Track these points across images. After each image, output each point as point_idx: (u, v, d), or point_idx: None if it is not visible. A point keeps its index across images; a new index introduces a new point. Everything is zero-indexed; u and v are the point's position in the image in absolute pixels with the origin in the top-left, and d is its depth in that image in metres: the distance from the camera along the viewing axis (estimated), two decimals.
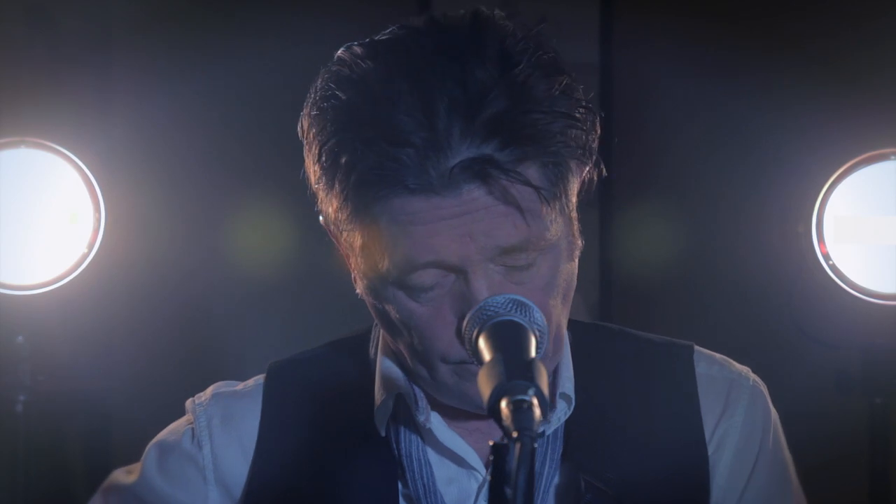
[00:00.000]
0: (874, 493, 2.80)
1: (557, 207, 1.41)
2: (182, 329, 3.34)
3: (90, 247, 2.57)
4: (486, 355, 1.26)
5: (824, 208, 2.68)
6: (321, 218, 1.49)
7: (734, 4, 3.47)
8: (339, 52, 1.44)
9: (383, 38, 1.43)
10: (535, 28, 1.44)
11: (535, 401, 1.16)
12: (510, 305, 1.32)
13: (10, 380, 2.67)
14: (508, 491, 1.12)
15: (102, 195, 2.57)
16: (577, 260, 1.49)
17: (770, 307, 3.11)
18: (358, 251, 1.44)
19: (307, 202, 1.51)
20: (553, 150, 1.39)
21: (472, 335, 1.30)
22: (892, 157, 2.69)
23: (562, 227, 1.43)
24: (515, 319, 1.30)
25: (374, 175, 1.37)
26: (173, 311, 3.33)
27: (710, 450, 1.56)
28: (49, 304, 2.63)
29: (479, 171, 1.35)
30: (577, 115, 1.41)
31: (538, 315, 1.33)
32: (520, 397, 1.16)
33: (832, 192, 2.68)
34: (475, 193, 1.37)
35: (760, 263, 3.27)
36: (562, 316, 1.47)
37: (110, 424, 3.34)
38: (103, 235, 2.57)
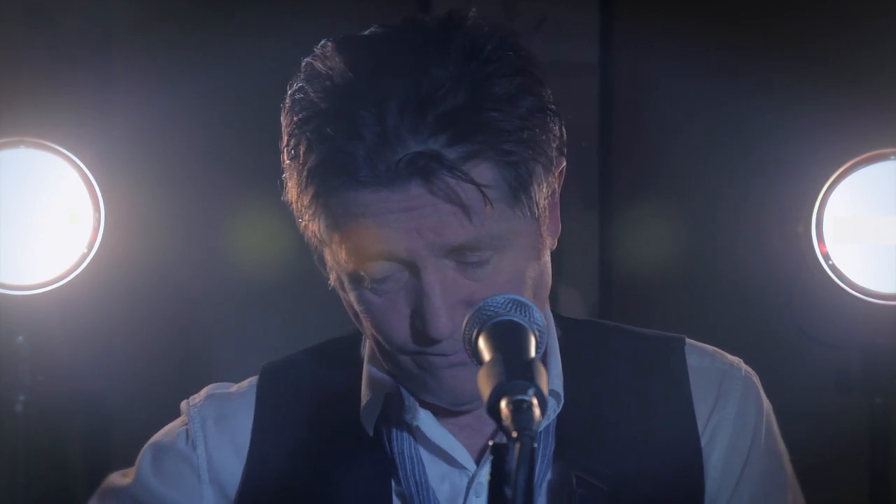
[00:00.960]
0: (874, 493, 2.80)
1: (518, 207, 1.42)
2: (182, 329, 3.34)
3: (90, 247, 2.57)
4: (486, 355, 1.26)
5: (824, 208, 2.68)
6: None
7: (734, 4, 3.47)
8: (316, 48, 1.47)
9: (358, 35, 1.46)
10: (511, 29, 1.45)
11: (535, 401, 1.16)
12: (510, 305, 1.32)
13: (10, 380, 2.67)
14: (508, 491, 1.12)
15: (102, 195, 2.57)
16: (547, 258, 1.49)
17: (770, 307, 3.11)
18: (320, 241, 1.47)
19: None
20: (507, 148, 1.39)
21: (471, 335, 1.30)
22: (892, 157, 2.69)
23: (522, 227, 1.43)
24: (515, 319, 1.30)
25: (327, 167, 1.40)
26: (173, 311, 3.33)
27: (704, 441, 1.56)
28: (49, 304, 2.63)
29: (423, 166, 1.37)
30: (537, 114, 1.41)
31: (538, 315, 1.32)
32: (519, 397, 1.16)
33: (832, 192, 2.68)
34: (421, 189, 1.39)
35: (760, 263, 3.27)
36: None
37: (110, 424, 3.34)
38: (103, 235, 2.57)
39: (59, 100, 3.18)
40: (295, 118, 1.44)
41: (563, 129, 1.46)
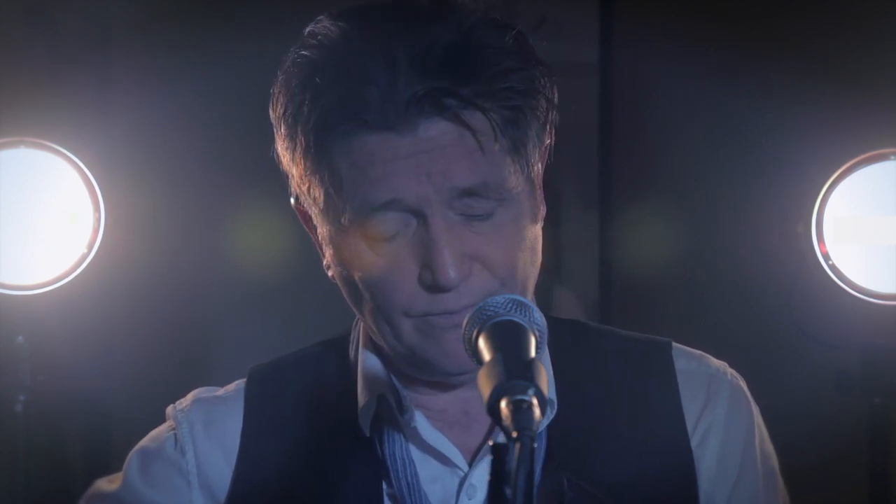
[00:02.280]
0: (874, 493, 2.80)
1: (517, 161, 1.45)
2: (182, 329, 3.34)
3: (90, 247, 2.57)
4: (486, 355, 1.26)
5: (824, 208, 2.68)
6: (292, 199, 1.52)
7: (734, 4, 3.47)
8: (308, 27, 1.49)
9: (351, 9, 1.48)
10: (491, 5, 1.49)
11: (535, 401, 1.16)
12: (510, 305, 1.32)
13: (10, 380, 2.67)
14: (508, 491, 1.12)
15: (102, 195, 2.57)
16: (541, 225, 1.51)
17: (770, 307, 3.11)
18: (321, 206, 1.47)
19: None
20: (507, 91, 1.43)
21: (471, 335, 1.30)
22: (892, 157, 2.69)
23: (522, 185, 1.46)
24: (515, 319, 1.30)
25: (335, 113, 1.41)
26: (173, 311, 3.34)
27: (694, 444, 1.57)
28: (49, 304, 2.63)
29: (435, 101, 1.40)
30: (530, 60, 1.45)
31: (538, 315, 1.33)
32: (519, 397, 1.16)
33: (832, 192, 2.68)
34: (432, 131, 1.41)
35: (760, 263, 3.27)
36: (529, 274, 1.49)
37: (110, 424, 3.34)
38: (103, 235, 2.57)
39: (59, 100, 3.18)
40: (295, 81, 1.45)
41: (556, 93, 1.49)
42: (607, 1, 3.54)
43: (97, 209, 2.57)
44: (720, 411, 1.58)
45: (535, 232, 1.50)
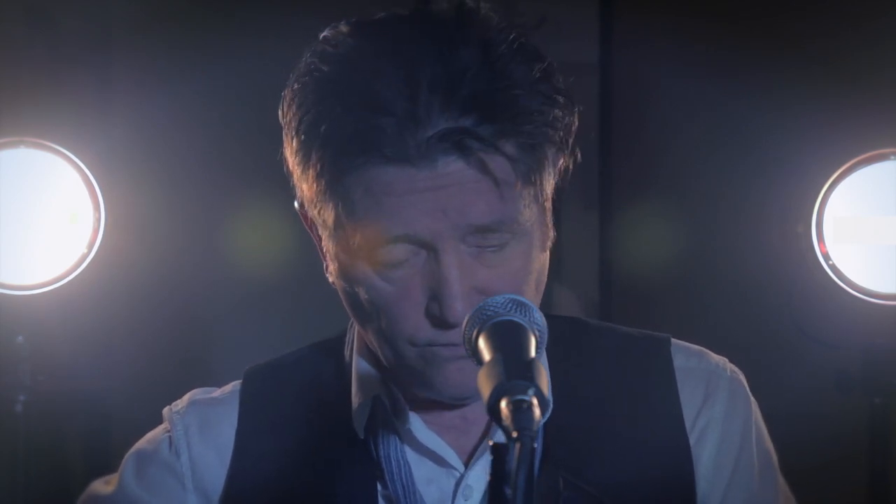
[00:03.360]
0: (874, 494, 2.80)
1: (532, 192, 1.43)
2: (182, 329, 3.34)
3: (90, 247, 2.57)
4: (486, 355, 1.26)
5: (824, 208, 2.68)
6: (296, 203, 1.50)
7: (734, 4, 3.47)
8: (323, 32, 1.46)
9: (371, 19, 1.46)
10: (521, 20, 1.47)
11: (535, 401, 1.16)
12: (510, 305, 1.32)
13: (10, 380, 2.67)
14: (508, 491, 1.12)
15: (102, 195, 2.57)
16: (548, 251, 1.50)
17: (770, 307, 3.11)
18: (331, 228, 1.45)
19: (294, 194, 1.52)
20: (530, 129, 1.40)
21: (471, 335, 1.30)
22: (892, 157, 2.69)
23: (535, 214, 1.45)
24: (515, 319, 1.30)
25: (352, 142, 1.38)
26: (173, 310, 3.33)
27: (692, 441, 1.56)
28: (49, 304, 2.63)
29: (457, 141, 1.37)
30: (556, 98, 1.43)
31: (538, 315, 1.33)
32: (519, 397, 1.16)
33: (832, 192, 2.68)
34: (450, 168, 1.39)
35: (760, 263, 3.27)
36: (534, 301, 1.47)
37: (110, 424, 3.34)
38: (103, 235, 2.57)
39: (59, 100, 3.18)
40: (310, 97, 1.41)
41: (577, 120, 1.47)
42: (607, 1, 3.54)
43: (97, 209, 2.57)
44: (719, 409, 1.58)
45: (543, 260, 1.48)
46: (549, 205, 1.48)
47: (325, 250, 1.50)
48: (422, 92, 1.37)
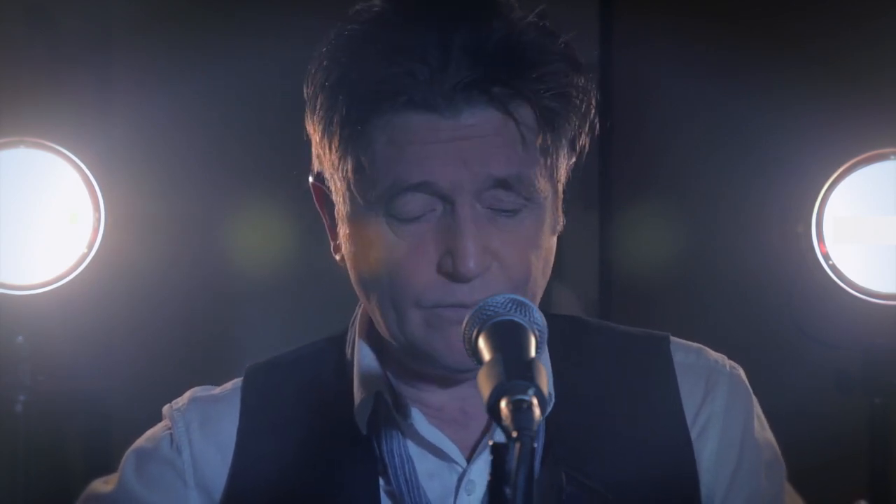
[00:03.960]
0: (874, 494, 2.80)
1: (548, 165, 1.46)
2: (182, 329, 3.34)
3: (90, 247, 2.57)
4: (486, 355, 1.26)
5: (824, 208, 2.68)
6: (311, 177, 1.52)
7: (734, 4, 3.47)
8: (356, 6, 1.48)
9: None
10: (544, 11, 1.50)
11: (535, 400, 1.16)
12: (510, 305, 1.32)
13: (10, 380, 2.67)
14: (508, 490, 1.12)
15: (102, 195, 2.57)
16: (556, 237, 1.52)
17: (770, 307, 3.11)
18: (350, 180, 1.45)
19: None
20: (555, 88, 1.44)
21: (471, 335, 1.30)
22: (892, 157, 2.69)
23: (549, 190, 1.47)
24: (515, 319, 1.31)
25: (382, 85, 1.41)
26: (173, 311, 3.33)
27: (693, 436, 1.57)
28: (49, 304, 2.63)
29: (485, 89, 1.41)
30: (579, 67, 1.47)
31: (538, 315, 1.33)
32: (519, 397, 1.16)
33: (832, 192, 2.68)
34: (474, 119, 1.41)
35: (760, 263, 3.27)
36: (540, 282, 1.49)
37: (110, 424, 3.34)
38: (103, 235, 2.57)
39: (59, 100, 3.18)
40: (343, 52, 1.44)
41: (594, 104, 1.50)
42: (607, 1, 3.54)
43: (97, 209, 2.57)
44: (719, 403, 1.59)
45: (552, 243, 1.51)
46: (561, 190, 1.51)
47: (336, 217, 1.51)
48: (454, 47, 1.40)
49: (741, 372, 1.63)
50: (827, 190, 2.68)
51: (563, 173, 1.50)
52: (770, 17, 3.40)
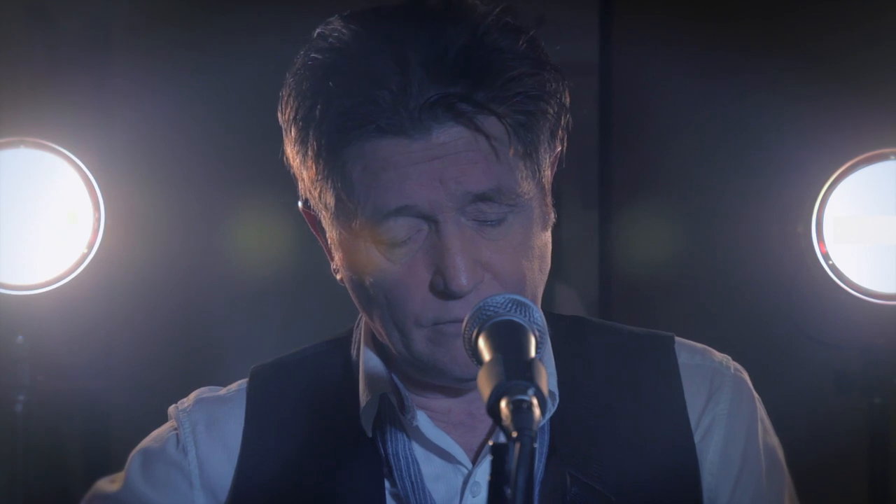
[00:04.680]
0: (873, 493, 2.80)
1: (528, 165, 1.45)
2: (182, 329, 3.34)
3: (90, 247, 2.57)
4: (486, 355, 1.26)
5: (824, 208, 2.68)
6: (300, 203, 1.52)
7: (734, 4, 3.47)
8: (318, 29, 1.48)
9: (364, 10, 1.48)
10: (507, 6, 1.48)
11: (535, 401, 1.16)
12: (510, 305, 1.32)
13: (10, 380, 2.67)
14: (508, 490, 1.12)
15: (102, 195, 2.57)
16: (550, 232, 1.51)
17: (770, 307, 3.11)
18: (333, 211, 1.46)
19: (298, 195, 1.52)
20: (521, 96, 1.42)
21: (471, 335, 1.30)
22: (892, 157, 2.69)
23: (534, 190, 1.46)
24: (515, 319, 1.30)
25: (348, 117, 1.41)
26: (173, 311, 3.33)
27: (697, 438, 1.57)
28: (49, 304, 2.63)
29: (448, 106, 1.39)
30: (544, 65, 1.45)
31: (538, 315, 1.33)
32: (519, 397, 1.16)
33: (832, 192, 2.68)
34: (444, 136, 1.41)
35: (760, 263, 3.27)
36: (538, 282, 1.49)
37: (110, 424, 3.34)
38: (103, 235, 2.57)
39: (58, 100, 3.18)
40: (307, 84, 1.44)
41: (568, 97, 1.49)
42: (607, 1, 3.54)
43: (97, 209, 2.57)
44: (723, 406, 1.59)
45: (545, 239, 1.50)
46: (547, 185, 1.49)
47: (329, 243, 1.51)
48: (412, 66, 1.39)
49: (745, 374, 1.63)
50: (827, 190, 2.68)
51: (547, 168, 1.49)
52: (770, 17, 3.40)
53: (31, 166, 2.57)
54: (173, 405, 1.63)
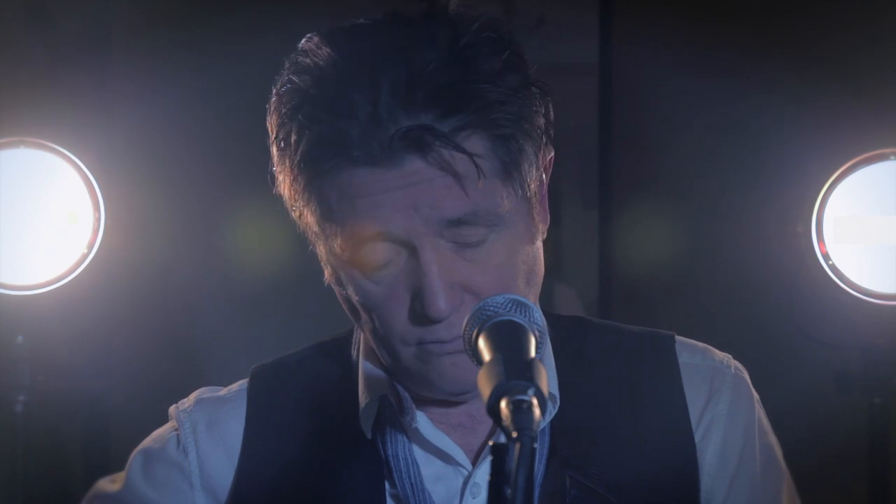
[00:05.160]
0: (873, 493, 2.80)
1: (510, 185, 1.43)
2: (181, 329, 3.34)
3: (90, 247, 2.57)
4: (486, 355, 1.26)
5: (824, 208, 2.68)
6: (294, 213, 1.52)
7: (734, 4, 3.47)
8: (301, 42, 1.48)
9: (343, 26, 1.47)
10: (492, 15, 1.46)
11: (535, 401, 1.16)
12: (510, 305, 1.32)
13: (10, 380, 2.67)
14: (508, 491, 1.12)
15: (102, 195, 2.57)
16: (540, 246, 1.50)
17: (770, 307, 3.11)
18: (316, 230, 1.47)
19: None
20: (499, 119, 1.41)
21: (471, 335, 1.30)
22: (892, 157, 2.68)
23: (516, 206, 1.45)
24: (515, 319, 1.30)
25: (321, 149, 1.41)
26: (173, 311, 3.33)
27: (697, 438, 1.57)
28: (49, 304, 2.63)
29: (416, 139, 1.38)
30: (524, 87, 1.43)
31: (538, 315, 1.32)
32: (519, 397, 1.16)
33: (832, 192, 2.68)
34: (416, 165, 1.40)
35: (760, 263, 3.27)
36: (526, 296, 1.45)
37: (109, 424, 3.34)
38: (103, 235, 2.57)
39: (58, 100, 3.18)
40: (284, 109, 1.44)
41: (552, 111, 1.47)
42: (607, 1, 3.54)
43: (97, 209, 2.57)
44: (723, 406, 1.59)
45: (532, 252, 1.48)
46: (535, 198, 1.48)
47: (320, 257, 1.51)
48: (382, 94, 1.38)
49: (745, 374, 1.63)
50: (827, 190, 2.68)
51: (534, 180, 1.47)
52: (770, 17, 3.40)
53: (31, 166, 2.57)
54: (174, 405, 1.63)
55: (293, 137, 1.42)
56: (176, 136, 3.32)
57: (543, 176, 1.50)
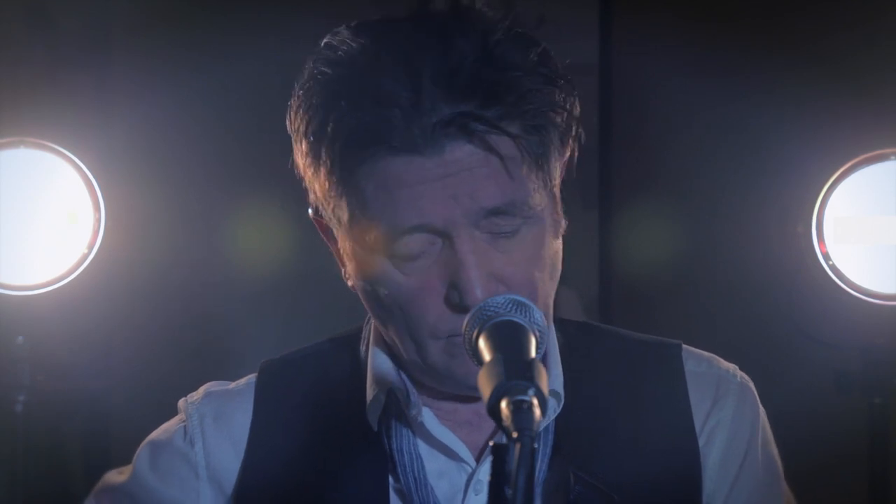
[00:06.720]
0: (873, 494, 2.80)
1: (540, 176, 1.45)
2: (181, 329, 3.34)
3: (90, 247, 2.57)
4: (486, 355, 1.26)
5: (824, 208, 2.68)
6: (310, 211, 1.52)
7: (734, 4, 3.47)
8: (325, 38, 1.47)
9: (370, 22, 1.48)
10: (516, 15, 1.48)
11: (535, 401, 1.16)
12: (510, 305, 1.32)
13: (10, 380, 2.67)
14: (508, 491, 1.12)
15: (102, 195, 2.57)
16: (561, 239, 1.52)
17: (770, 307, 3.11)
18: (346, 225, 1.47)
19: (307, 202, 1.52)
20: (533, 110, 1.43)
21: (471, 335, 1.31)
22: (892, 157, 2.68)
23: (546, 200, 1.47)
24: (515, 319, 1.31)
25: (360, 136, 1.41)
26: (173, 311, 3.33)
27: (701, 443, 1.57)
28: (49, 304, 2.63)
29: (462, 125, 1.39)
30: (556, 79, 1.45)
31: (538, 315, 1.33)
32: (520, 397, 1.16)
33: (832, 192, 2.68)
34: (458, 153, 1.41)
35: (760, 263, 3.27)
36: (549, 291, 1.49)
37: (109, 424, 3.34)
38: (103, 235, 2.57)
39: (58, 100, 3.18)
40: (317, 99, 1.44)
41: (578, 107, 1.49)
42: (607, 1, 3.54)
43: (97, 209, 2.57)
44: (727, 412, 1.59)
45: (556, 247, 1.51)
46: (557, 192, 1.50)
47: (341, 252, 1.51)
48: (424, 82, 1.39)
49: (751, 384, 1.64)
50: (827, 190, 2.68)
51: (557, 176, 1.49)
52: (770, 18, 3.40)
53: (31, 166, 2.57)
54: (183, 398, 1.65)
55: (330, 126, 1.42)
56: (176, 136, 3.32)
57: (561, 175, 1.52)
